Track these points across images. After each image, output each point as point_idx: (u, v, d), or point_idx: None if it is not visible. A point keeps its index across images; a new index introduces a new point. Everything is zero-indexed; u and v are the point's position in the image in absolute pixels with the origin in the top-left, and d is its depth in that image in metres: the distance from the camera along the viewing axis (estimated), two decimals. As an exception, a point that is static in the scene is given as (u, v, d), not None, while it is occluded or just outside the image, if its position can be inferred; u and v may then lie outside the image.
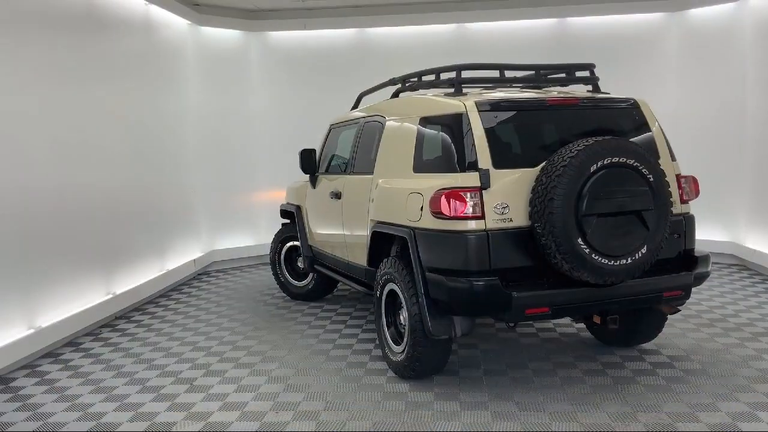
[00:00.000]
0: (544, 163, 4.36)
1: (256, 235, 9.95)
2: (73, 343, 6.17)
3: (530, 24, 9.71)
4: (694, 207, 8.87)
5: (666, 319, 5.30)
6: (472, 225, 4.34)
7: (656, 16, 9.52)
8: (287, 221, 7.74)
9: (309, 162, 6.76)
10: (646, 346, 5.55)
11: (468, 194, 4.35)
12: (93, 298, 6.66)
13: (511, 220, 4.39)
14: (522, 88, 5.48)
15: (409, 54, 9.43)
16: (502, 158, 4.47)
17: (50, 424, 4.39)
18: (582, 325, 6.07)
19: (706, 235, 9.13)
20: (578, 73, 5.33)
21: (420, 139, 4.96)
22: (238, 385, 4.97)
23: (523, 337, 5.95)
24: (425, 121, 4.95)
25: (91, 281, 6.68)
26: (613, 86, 6.80)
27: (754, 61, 8.35)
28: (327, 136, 6.93)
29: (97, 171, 6.84)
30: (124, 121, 7.52)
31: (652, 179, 4.30)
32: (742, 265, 8.67)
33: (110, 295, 6.93)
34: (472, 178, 4.38)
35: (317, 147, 7.02)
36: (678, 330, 5.96)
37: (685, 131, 9.22)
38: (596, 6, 9.48)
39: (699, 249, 4.95)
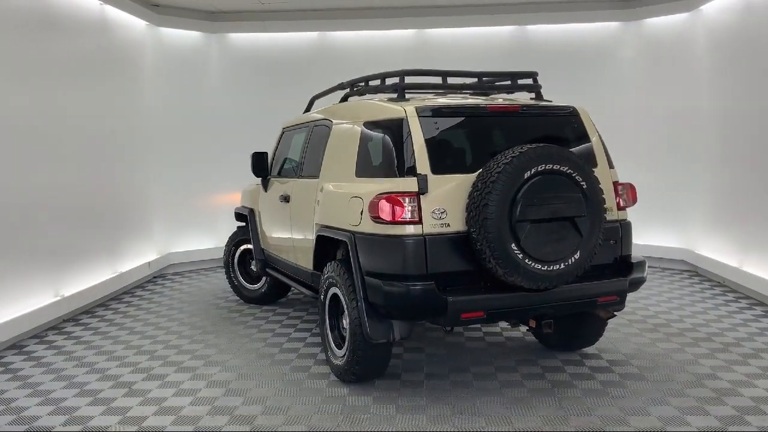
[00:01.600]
0: (481, 170, 4.40)
1: (214, 238, 9.89)
2: (16, 345, 6.08)
3: (489, 31, 9.80)
4: (648, 213, 9.08)
5: (606, 323, 5.38)
6: (409, 230, 4.37)
7: (613, 25, 9.66)
8: (242, 224, 7.72)
9: (260, 165, 6.75)
10: (588, 350, 5.62)
11: (406, 199, 4.38)
12: (40, 300, 6.57)
13: (448, 225, 4.42)
14: (471, 94, 5.53)
15: (368, 58, 9.45)
16: (441, 164, 4.51)
17: (-20, 428, 4.34)
18: (527, 330, 6.12)
19: (660, 241, 9.32)
20: (521, 81, 5.38)
21: (363, 143, 4.98)
22: (177, 389, 4.94)
23: (470, 341, 5.99)
24: (368, 125, 4.98)
25: (38, 283, 6.59)
26: (570, 93, 6.90)
27: (707, 69, 8.51)
28: (279, 139, 6.93)
29: (48, 171, 6.76)
30: (78, 122, 7.43)
31: (585, 186, 4.37)
32: (694, 272, 8.82)
33: (58, 297, 6.85)
34: (410, 183, 4.41)
35: (270, 150, 7.02)
36: (621, 334, 6.05)
37: (641, 138, 9.39)
38: (554, 14, 9.61)
39: (636, 255, 5.00)
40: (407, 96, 5.13)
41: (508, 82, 5.46)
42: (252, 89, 9.98)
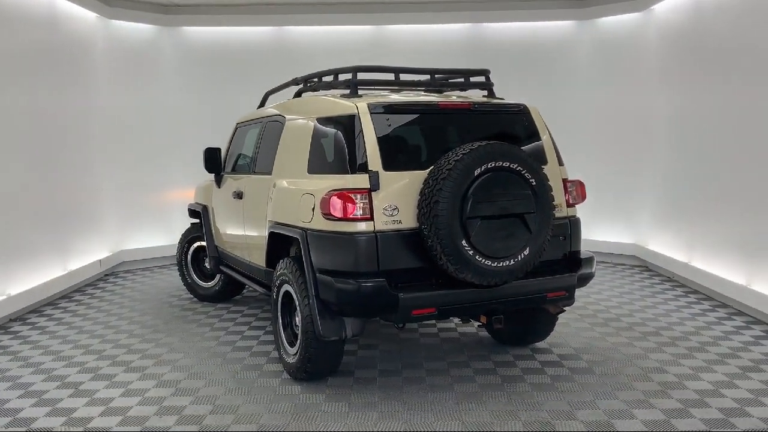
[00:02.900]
0: (432, 167, 4.41)
1: (168, 235, 9.72)
2: (-42, 346, 5.92)
3: (446, 28, 9.84)
4: (600, 210, 9.23)
5: (557, 318, 5.45)
6: (361, 227, 4.36)
7: (568, 24, 9.78)
8: (196, 221, 7.61)
9: (213, 161, 6.66)
10: (540, 345, 5.69)
11: (357, 196, 4.36)
12: (-16, 299, 6.40)
13: (400, 222, 4.43)
14: (425, 91, 5.54)
15: (326, 54, 9.39)
16: (393, 160, 4.50)
17: None
18: (478, 325, 6.17)
19: (612, 237, 9.49)
20: (473, 79, 5.41)
21: (315, 139, 4.95)
22: (125, 389, 4.85)
23: (424, 337, 6.01)
24: (320, 121, 4.95)
25: (-18, 282, 6.41)
26: (525, 91, 6.99)
27: (658, 68, 8.68)
28: (233, 135, 6.85)
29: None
30: (25, 118, 7.24)
31: (534, 183, 4.41)
32: (644, 267, 9.00)
33: (4, 296, 6.66)
34: (361, 180, 4.40)
35: (224, 146, 6.93)
36: (572, 329, 6.14)
37: (593, 136, 9.55)
38: (509, 12, 9.69)
39: (585, 250, 5.08)
40: (361, 92, 5.12)
41: (461, 80, 5.48)
42: (207, 84, 9.85)
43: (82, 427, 4.22)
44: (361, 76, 5.05)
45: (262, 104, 6.77)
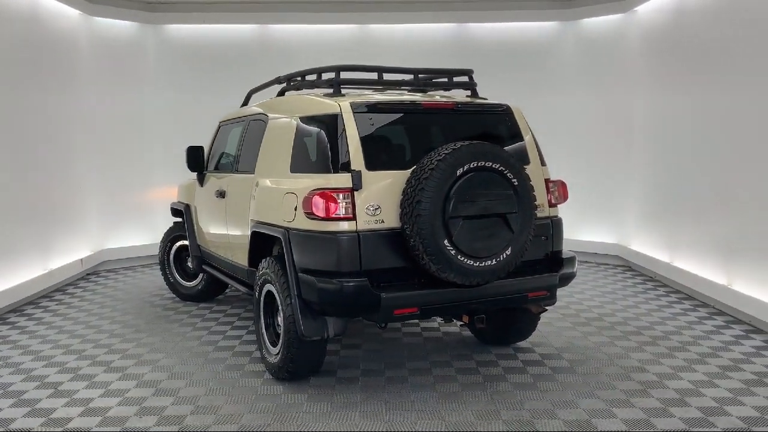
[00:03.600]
0: (415, 166, 4.41)
1: (151, 234, 9.66)
2: (-64, 346, 5.84)
3: (432, 27, 9.85)
4: (584, 210, 9.28)
5: (539, 318, 5.47)
6: (343, 226, 4.35)
7: (552, 25, 9.82)
8: (178, 220, 7.56)
9: (195, 159, 6.63)
10: (522, 344, 5.71)
11: (340, 195, 4.36)
12: (-38, 298, 6.32)
13: (382, 222, 4.42)
14: (409, 91, 5.54)
15: (311, 52, 9.34)
16: (376, 160, 4.50)
17: None
18: (461, 325, 6.18)
19: (595, 237, 9.54)
20: (457, 79, 5.42)
21: (298, 138, 4.93)
22: (105, 389, 4.81)
23: (407, 336, 6.02)
24: (303, 121, 4.93)
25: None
26: (509, 91, 7.00)
27: (641, 68, 8.74)
28: (216, 134, 6.82)
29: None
30: (7, 116, 7.16)
31: (516, 183, 4.42)
32: (627, 266, 9.06)
33: (-17, 296, 6.60)
34: (344, 180, 4.39)
35: (207, 144, 6.89)
36: (555, 328, 6.17)
37: (577, 136, 9.60)
38: (494, 13, 9.72)
39: (567, 250, 5.10)
40: (344, 92, 5.11)
41: (445, 80, 5.48)
42: (190, 82, 9.79)
43: (61, 428, 4.18)
44: (344, 75, 5.04)
45: (245, 103, 6.75)
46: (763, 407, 4.35)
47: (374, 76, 5.52)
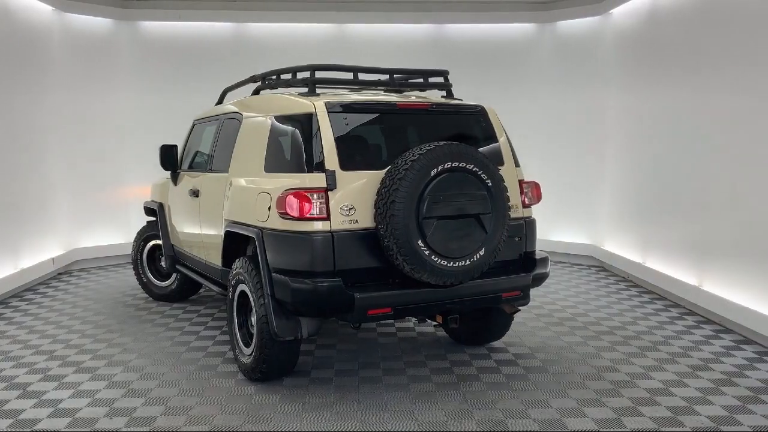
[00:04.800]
0: (389, 167, 4.41)
1: (124, 233, 9.55)
2: None
3: (409, 28, 9.85)
4: (559, 211, 9.35)
5: (512, 318, 5.50)
6: (317, 226, 4.34)
7: (529, 27, 9.88)
8: (152, 219, 7.49)
9: (169, 158, 6.57)
10: (496, 344, 5.74)
11: (314, 195, 4.34)
12: (-71, 298, 6.19)
13: (357, 222, 4.42)
14: (385, 91, 5.54)
15: (288, 51, 9.32)
16: (350, 160, 4.49)
17: None
18: (435, 325, 6.19)
19: (570, 237, 9.62)
20: (432, 79, 5.43)
21: (272, 138, 4.91)
22: (75, 390, 4.75)
23: (382, 336, 6.02)
24: (278, 120, 4.91)
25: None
26: (486, 92, 7.04)
27: (616, 70, 8.83)
28: (190, 132, 6.76)
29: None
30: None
31: (490, 184, 4.44)
32: (601, 267, 9.14)
33: (-50, 296, 6.48)
34: (318, 179, 4.38)
35: (181, 143, 6.84)
36: (528, 328, 6.20)
37: (552, 138, 9.67)
38: (472, 14, 9.75)
39: (540, 251, 5.13)
40: (320, 91, 5.10)
41: (420, 80, 5.49)
42: (164, 80, 9.69)
43: (30, 429, 4.12)
44: (320, 74, 5.03)
45: (220, 101, 6.70)
46: (732, 407, 4.41)
47: (350, 75, 5.52)
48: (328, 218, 4.35)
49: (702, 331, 6.12)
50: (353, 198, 4.42)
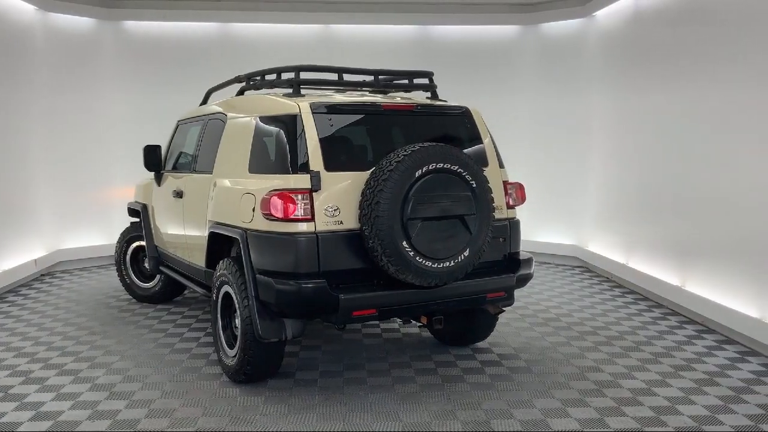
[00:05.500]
0: (374, 168, 4.41)
1: (107, 235, 9.47)
2: None
3: (394, 29, 9.86)
4: (544, 212, 9.39)
5: (497, 318, 5.51)
6: (302, 227, 4.33)
7: (513, 29, 9.91)
8: (135, 220, 7.44)
9: (152, 159, 6.52)
10: (481, 344, 5.75)
11: (298, 196, 4.34)
12: None
13: (341, 223, 4.41)
14: (370, 92, 5.54)
15: (273, 52, 9.30)
16: (335, 161, 4.49)
17: None
18: (420, 326, 6.20)
19: (554, 238, 9.66)
20: (417, 80, 5.44)
21: (256, 138, 4.89)
22: (57, 393, 4.70)
23: (367, 337, 6.01)
24: (262, 120, 4.89)
25: None
26: (471, 94, 7.05)
27: (599, 71, 8.89)
28: (174, 133, 6.73)
29: None
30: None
31: (474, 185, 4.45)
32: (585, 268, 9.20)
33: (-70, 298, 6.39)
34: (303, 180, 4.37)
35: (165, 143, 6.80)
36: (513, 329, 6.23)
37: (536, 139, 9.72)
38: (457, 16, 9.77)
39: (524, 252, 5.15)
40: (304, 92, 5.09)
41: (405, 81, 5.50)
42: (148, 80, 9.63)
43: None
44: (305, 75, 5.02)
45: (204, 101, 6.67)
46: (714, 406, 4.45)
47: (335, 76, 5.52)
48: (312, 219, 4.34)
49: (684, 331, 6.17)
50: (338, 199, 4.42)
